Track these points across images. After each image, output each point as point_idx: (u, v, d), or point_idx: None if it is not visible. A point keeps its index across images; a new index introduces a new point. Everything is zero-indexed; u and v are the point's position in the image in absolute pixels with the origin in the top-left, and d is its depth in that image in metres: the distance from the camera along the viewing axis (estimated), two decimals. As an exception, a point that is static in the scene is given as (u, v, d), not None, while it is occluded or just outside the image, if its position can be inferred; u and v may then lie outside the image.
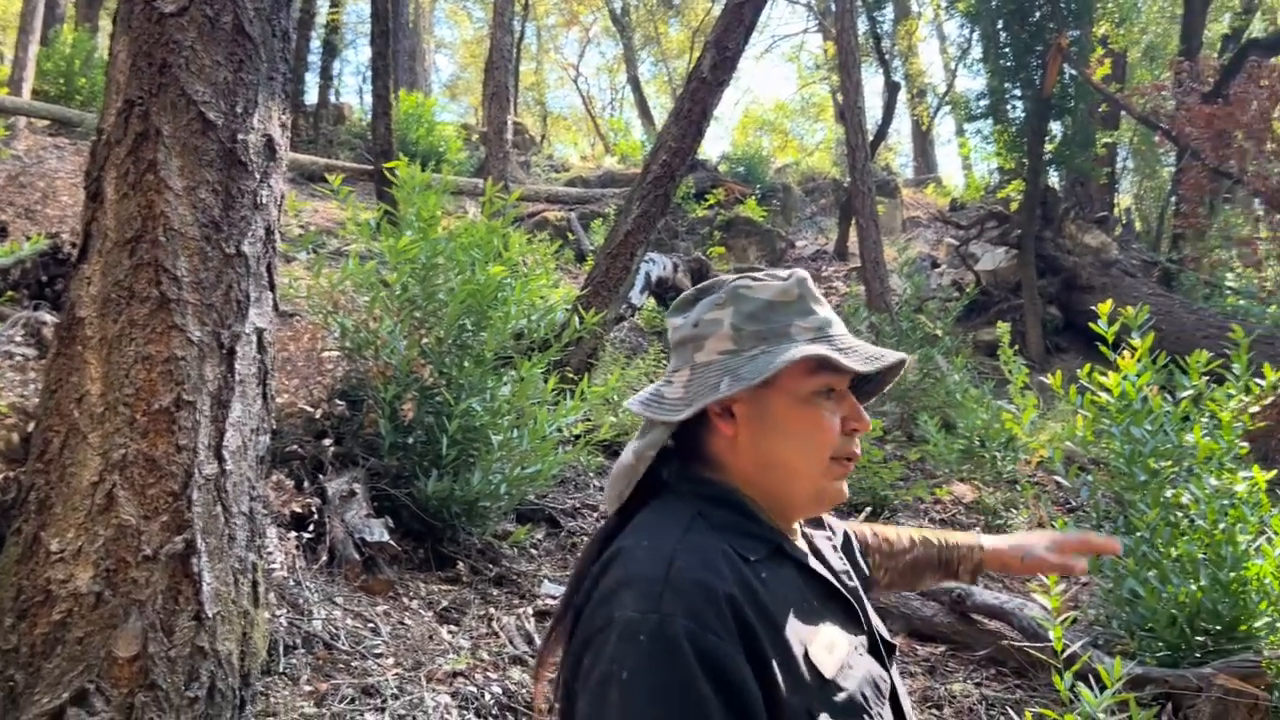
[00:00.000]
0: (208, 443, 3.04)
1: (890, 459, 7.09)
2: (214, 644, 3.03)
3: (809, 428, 1.33)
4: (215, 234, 3.08)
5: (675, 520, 1.29)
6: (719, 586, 1.17)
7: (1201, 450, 4.13)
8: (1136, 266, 13.58)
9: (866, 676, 1.26)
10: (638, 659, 1.12)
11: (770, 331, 1.35)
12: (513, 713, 3.60)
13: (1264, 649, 3.77)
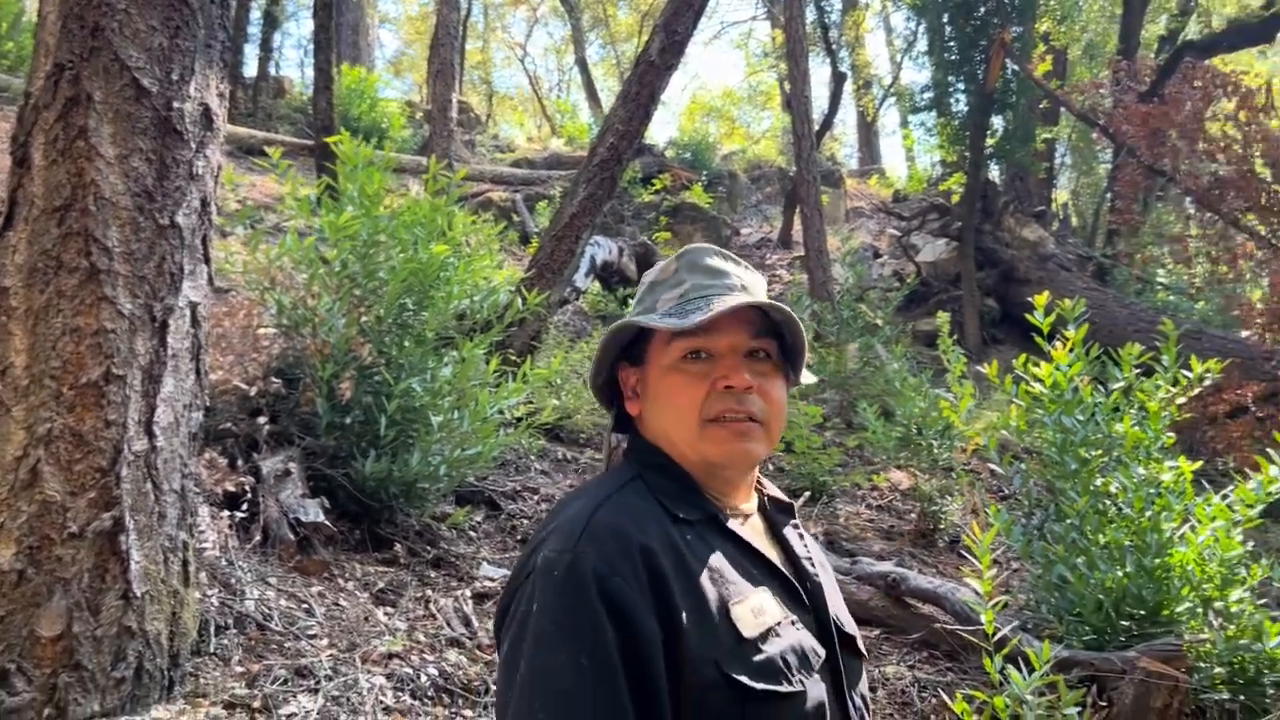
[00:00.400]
0: (138, 418, 2.97)
1: (829, 445, 7.17)
2: (142, 624, 2.97)
3: (670, 394, 1.38)
4: (148, 204, 3.01)
5: (614, 482, 1.36)
6: (634, 536, 1.23)
7: (1130, 440, 4.23)
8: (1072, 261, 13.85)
9: (795, 646, 1.28)
10: (549, 593, 1.19)
11: (643, 310, 1.45)
12: (449, 694, 3.59)
13: (1185, 633, 3.88)
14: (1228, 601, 4.07)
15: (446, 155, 13.31)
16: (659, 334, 1.39)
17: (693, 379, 1.36)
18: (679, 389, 1.37)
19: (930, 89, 14.63)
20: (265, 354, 4.68)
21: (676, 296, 1.41)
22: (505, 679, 1.20)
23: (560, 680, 1.15)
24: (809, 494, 6.60)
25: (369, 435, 4.53)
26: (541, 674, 1.16)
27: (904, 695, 4.14)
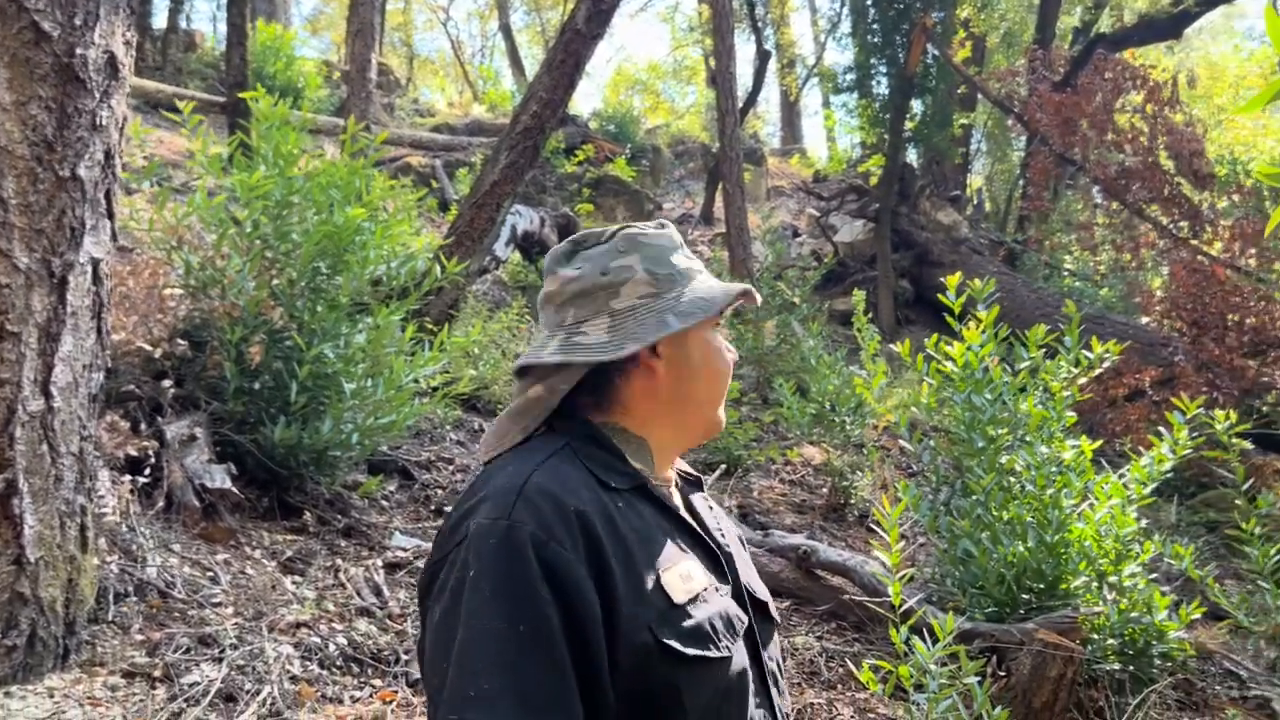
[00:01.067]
0: (34, 377, 2.87)
1: (745, 420, 7.25)
2: (36, 590, 2.88)
3: (719, 359, 1.46)
4: (48, 154, 2.89)
5: (543, 449, 1.35)
6: (569, 502, 1.24)
7: (1034, 419, 4.36)
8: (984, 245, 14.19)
9: (721, 613, 1.31)
10: (484, 560, 1.18)
11: (679, 274, 1.44)
12: (358, 664, 3.55)
13: (1080, 606, 4.03)
14: (1121, 576, 4.24)
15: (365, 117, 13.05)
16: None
17: (724, 348, 1.48)
18: (723, 355, 1.47)
19: (852, 70, 14.79)
20: (171, 315, 4.54)
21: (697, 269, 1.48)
22: (439, 647, 1.19)
23: (501, 647, 1.15)
24: (724, 468, 6.66)
25: (279, 401, 4.44)
26: (480, 641, 1.15)
27: (812, 665, 4.22)
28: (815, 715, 3.86)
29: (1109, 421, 7.68)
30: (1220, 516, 6.72)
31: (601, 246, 1.45)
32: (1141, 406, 7.76)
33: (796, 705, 3.87)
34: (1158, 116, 10.11)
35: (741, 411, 7.70)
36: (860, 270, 13.20)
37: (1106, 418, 7.73)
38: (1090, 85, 10.82)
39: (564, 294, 1.44)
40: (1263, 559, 4.91)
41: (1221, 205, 9.86)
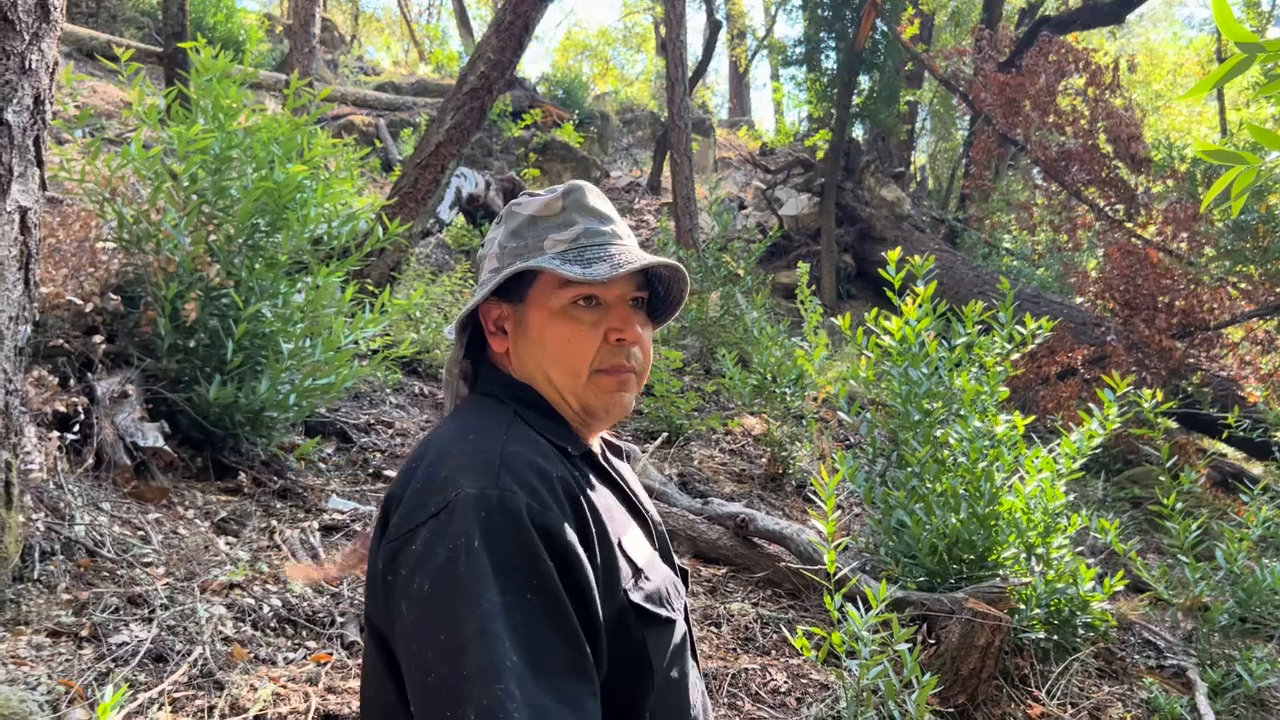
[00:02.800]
0: (-43, 328, 2.78)
1: (687, 390, 7.28)
2: (-42, 546, 2.81)
3: (560, 341, 1.36)
4: (-26, 98, 2.78)
5: (497, 418, 1.34)
6: (550, 469, 1.25)
7: (969, 394, 4.44)
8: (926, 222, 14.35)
9: (667, 577, 1.36)
10: (485, 531, 1.17)
11: (524, 247, 1.39)
12: (292, 625, 3.52)
13: (1009, 577, 4.13)
14: (1049, 548, 4.35)
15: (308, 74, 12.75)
16: (547, 275, 1.35)
17: (586, 328, 1.35)
18: (572, 337, 1.36)
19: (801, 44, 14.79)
20: (103, 269, 4.42)
21: (569, 240, 1.37)
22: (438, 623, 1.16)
23: (516, 619, 1.13)
24: (665, 436, 6.69)
25: (214, 360, 4.36)
26: (499, 616, 1.13)
27: (747, 631, 4.28)
28: (750, 680, 3.91)
29: (1041, 398, 7.85)
30: (1144, 493, 6.93)
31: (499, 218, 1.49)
32: (1073, 384, 7.95)
33: (731, 669, 3.92)
34: (1099, 100, 10.26)
35: (684, 381, 7.73)
36: (804, 244, 13.28)
37: (1039, 394, 7.90)
38: (1034, 67, 10.94)
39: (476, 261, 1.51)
40: (1183, 534, 5.07)
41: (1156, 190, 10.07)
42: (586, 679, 1.16)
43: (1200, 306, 8.39)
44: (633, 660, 1.25)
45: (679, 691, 1.33)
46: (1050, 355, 8.03)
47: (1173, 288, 8.40)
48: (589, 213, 1.41)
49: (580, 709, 1.14)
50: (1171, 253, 8.76)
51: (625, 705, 1.25)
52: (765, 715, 3.71)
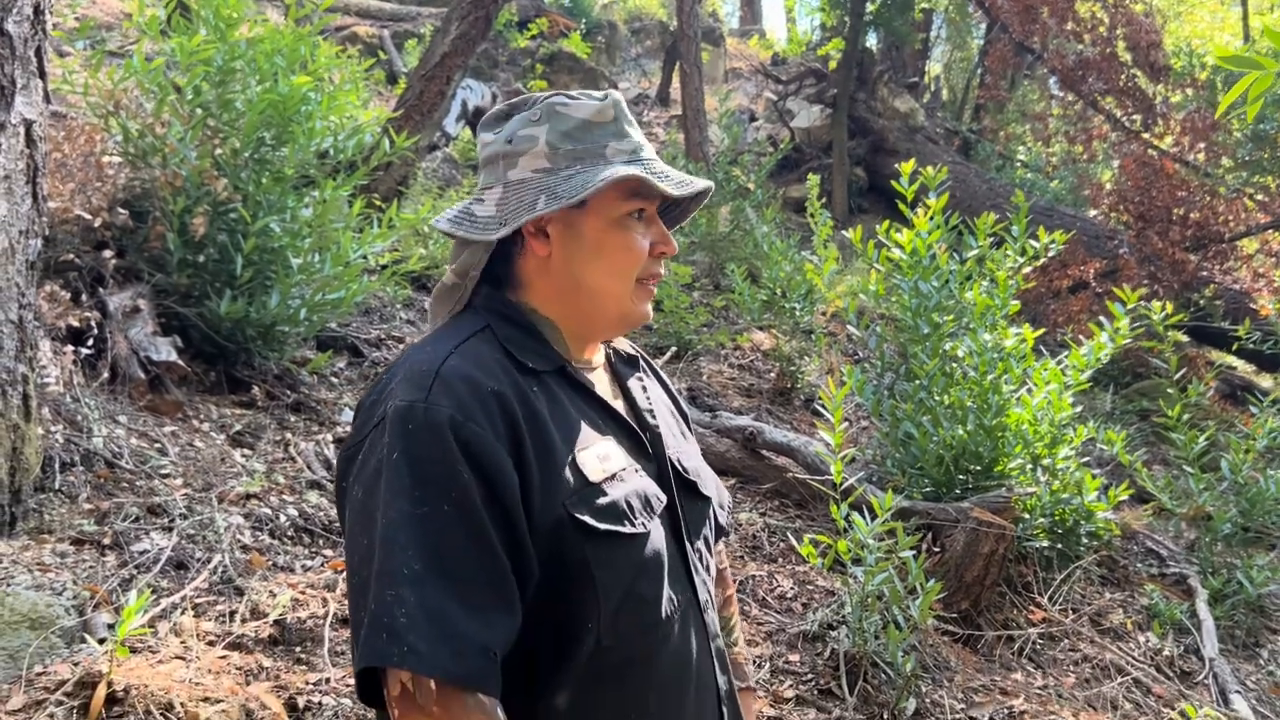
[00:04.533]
0: (-31, 242, 2.80)
1: (696, 305, 7.30)
2: (-20, 457, 2.86)
3: (620, 249, 1.36)
4: (-26, 8, 2.76)
5: (461, 330, 1.34)
6: (486, 383, 1.24)
7: (979, 307, 4.44)
8: (939, 134, 14.15)
9: (638, 491, 1.32)
10: (405, 442, 1.18)
11: (585, 151, 1.36)
12: (309, 534, 3.61)
13: (1015, 487, 4.18)
14: (1055, 459, 4.40)
15: (309, -16, 12.51)
16: (622, 178, 1.33)
17: (639, 239, 1.36)
18: (630, 246, 1.36)
19: (815, -51, 14.43)
20: (110, 184, 4.41)
21: (629, 151, 1.37)
22: (361, 528, 1.20)
23: (426, 528, 1.16)
24: (674, 351, 6.73)
25: (224, 275, 4.37)
26: (407, 524, 1.16)
27: (754, 540, 4.36)
28: (756, 587, 4.00)
29: (1052, 311, 7.84)
30: (1151, 405, 6.96)
31: (525, 113, 1.39)
32: (1084, 298, 7.92)
33: (739, 577, 4.01)
34: (1118, 6, 10.02)
35: (693, 297, 7.74)
36: (816, 157, 13.13)
37: (1049, 308, 7.89)
38: (1053, -28, 10.67)
39: (480, 158, 1.43)
40: (1189, 446, 5.12)
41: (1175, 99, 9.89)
42: (501, 591, 1.18)
43: (1215, 218, 8.31)
44: (568, 573, 1.24)
45: (646, 606, 1.30)
46: (1062, 269, 7.99)
47: (1188, 199, 8.31)
48: (634, 126, 1.41)
49: (485, 619, 1.15)
50: (1188, 164, 8.65)
51: (572, 617, 1.25)
52: (772, 620, 3.80)
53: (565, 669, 1.25)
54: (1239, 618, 4.66)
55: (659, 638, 1.32)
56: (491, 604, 1.17)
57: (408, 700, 1.14)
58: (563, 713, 1.25)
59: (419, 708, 1.13)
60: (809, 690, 3.39)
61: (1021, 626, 4.11)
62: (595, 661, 1.26)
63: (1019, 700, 3.61)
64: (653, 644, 1.31)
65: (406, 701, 1.14)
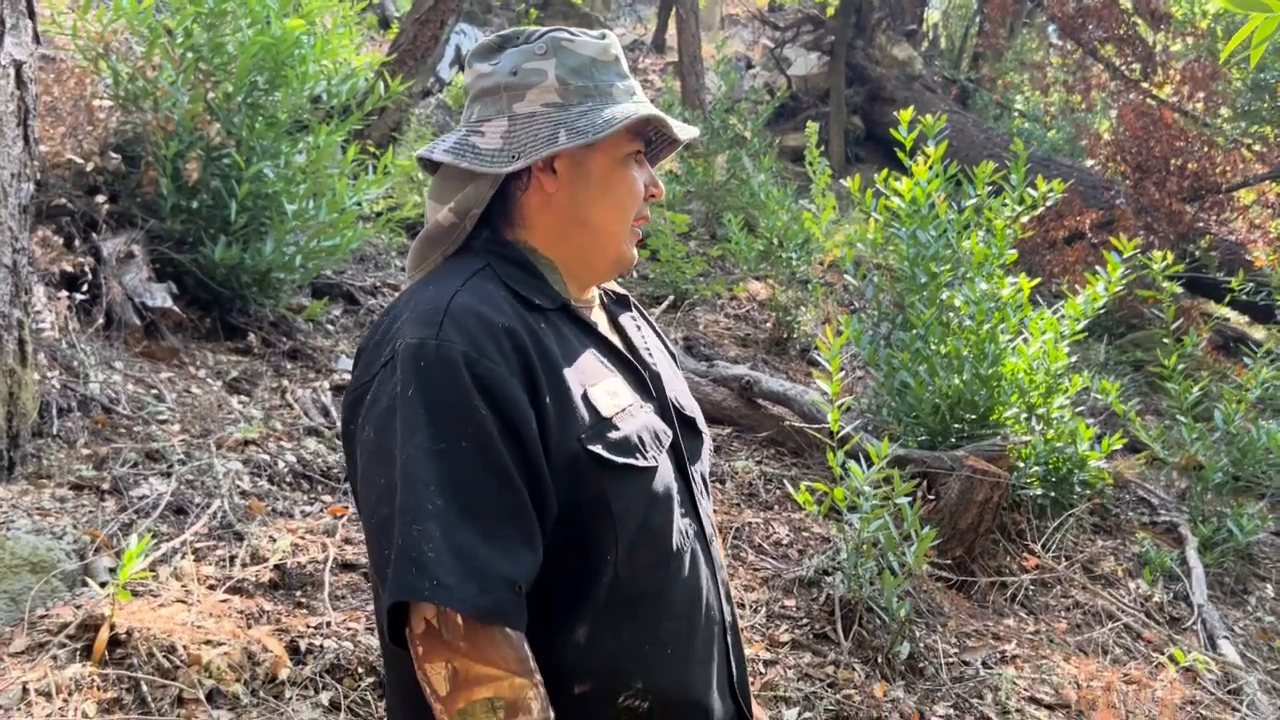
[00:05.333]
0: (-39, 185, 2.77)
1: (692, 255, 7.27)
2: (-23, 402, 2.86)
3: (623, 189, 1.37)
4: (-40, -55, 2.70)
5: (463, 270, 1.32)
6: (497, 319, 1.23)
7: (976, 256, 4.43)
8: (938, 83, 14.01)
9: (646, 426, 1.33)
10: (419, 380, 1.18)
11: (595, 89, 1.36)
12: (308, 480, 3.62)
13: (1009, 435, 4.20)
14: (1050, 408, 4.41)
15: (299, -74, 12.29)
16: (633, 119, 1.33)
17: (637, 179, 1.38)
18: (631, 186, 1.38)
19: (814, -107, 14.19)
20: (101, 127, 4.36)
21: (629, 91, 1.38)
22: (377, 467, 1.20)
23: (446, 464, 1.16)
24: (671, 301, 6.71)
25: (219, 221, 4.34)
26: (426, 460, 1.16)
27: (750, 487, 4.39)
28: (753, 533, 4.03)
29: (1048, 262, 7.83)
30: (1146, 356, 6.98)
31: (525, 46, 1.37)
32: (1080, 248, 7.91)
33: (734, 524, 4.03)
34: (1120, -48, 9.91)
35: (689, 246, 7.70)
36: (813, 105, 13.00)
37: (1046, 258, 7.87)
38: (1055, -83, 10.52)
39: (474, 89, 1.39)
40: (1182, 396, 5.14)
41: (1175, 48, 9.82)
42: (521, 524, 1.18)
43: (1213, 169, 8.28)
44: (585, 507, 1.25)
45: (658, 536, 1.32)
46: (1058, 219, 7.96)
47: (1186, 150, 8.26)
48: (625, 62, 1.41)
49: (509, 554, 1.16)
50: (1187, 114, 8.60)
51: (591, 551, 1.26)
52: (768, 566, 3.84)
53: (583, 604, 1.26)
54: (1228, 565, 4.72)
55: (671, 570, 1.33)
56: (514, 538, 1.18)
57: (433, 636, 1.15)
58: (581, 646, 1.26)
59: (445, 643, 1.14)
60: (804, 634, 3.43)
61: (1014, 573, 4.15)
62: (612, 595, 1.27)
63: (1011, 645, 3.66)
64: (665, 576, 1.33)
65: (432, 638, 1.15)
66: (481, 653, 1.14)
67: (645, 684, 1.30)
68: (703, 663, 1.38)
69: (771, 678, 3.15)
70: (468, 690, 1.14)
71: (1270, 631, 4.36)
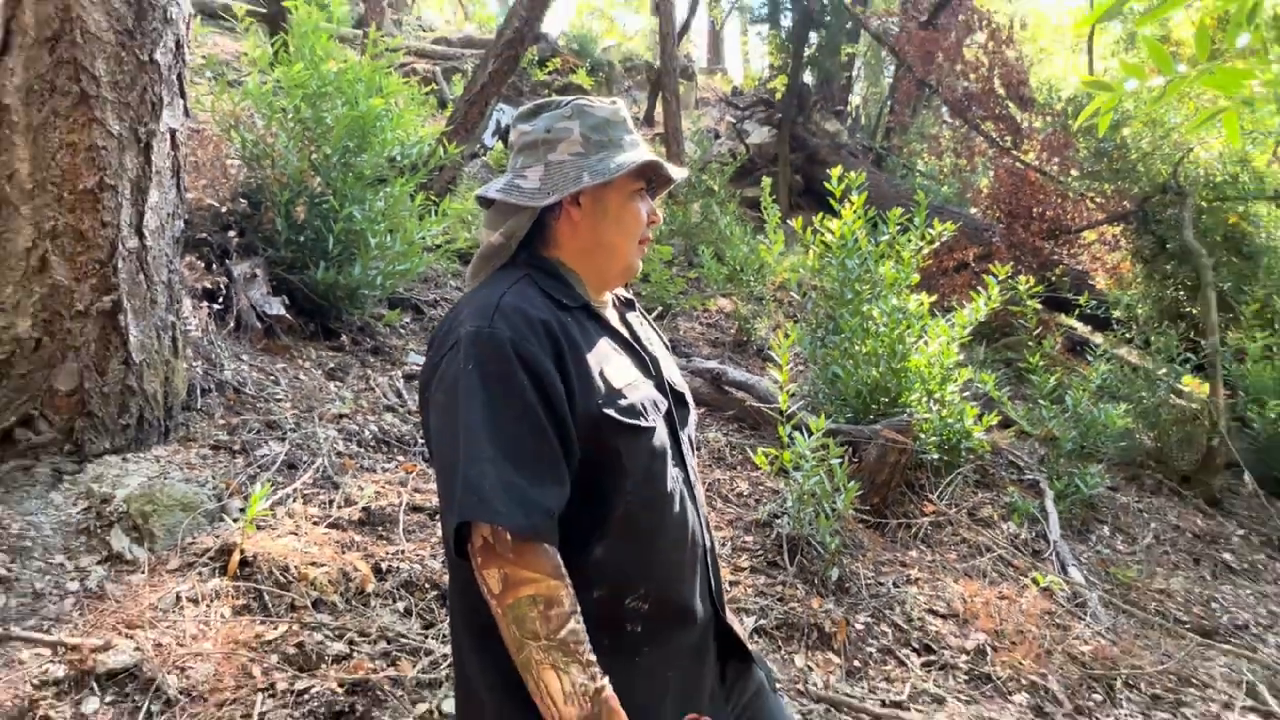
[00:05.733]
0: (130, 221, 2.78)
1: (675, 277, 7.28)
2: (141, 384, 2.88)
3: (631, 218, 1.38)
4: (130, 41, 2.72)
5: (509, 278, 1.34)
6: (534, 314, 1.25)
7: (889, 279, 4.45)
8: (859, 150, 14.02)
9: (647, 396, 1.34)
10: (477, 357, 1.20)
11: (609, 141, 1.37)
12: (386, 445, 3.62)
13: (914, 414, 4.23)
14: (943, 393, 4.43)
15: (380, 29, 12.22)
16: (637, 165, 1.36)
17: (642, 210, 1.39)
18: (638, 216, 1.39)
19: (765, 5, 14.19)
20: (233, 181, 4.37)
21: (635, 144, 1.38)
22: (445, 423, 1.21)
23: (496, 422, 1.17)
24: (659, 312, 6.72)
25: (319, 250, 4.35)
26: (482, 418, 1.17)
27: (719, 453, 4.40)
28: (721, 487, 4.05)
29: (942, 284, 7.84)
30: (1015, 355, 7.01)
31: (555, 111, 1.39)
32: (966, 275, 7.92)
33: (707, 480, 4.05)
34: (996, 52, 9.93)
35: (672, 271, 7.70)
36: (765, 166, 12.98)
37: (940, 282, 7.88)
38: (947, 25, 10.54)
39: (518, 144, 1.40)
40: (1042, 385, 5.17)
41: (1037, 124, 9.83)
42: (553, 467, 1.19)
43: (1065, 215, 8.31)
44: (610, 457, 1.25)
45: (657, 480, 1.32)
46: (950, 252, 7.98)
47: (1045, 201, 8.29)
48: (632, 123, 1.43)
49: (544, 489, 1.17)
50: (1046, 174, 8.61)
51: (606, 489, 1.26)
52: (732, 511, 3.86)
53: (599, 529, 1.27)
54: (1075, 512, 4.75)
55: (665, 506, 1.33)
56: (548, 477, 1.19)
57: (489, 550, 1.16)
58: (599, 560, 1.27)
59: (498, 555, 1.15)
60: (760, 563, 3.44)
61: (916, 517, 4.17)
62: (621, 523, 1.27)
63: (914, 571, 3.68)
64: (661, 510, 1.33)
65: (488, 551, 1.16)
66: (525, 562, 1.15)
67: (646, 590, 1.30)
68: (689, 576, 1.37)
69: (735, 595, 3.17)
70: (515, 590, 1.14)
71: (1107, 561, 4.39)
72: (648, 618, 1.30)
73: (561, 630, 1.15)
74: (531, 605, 1.15)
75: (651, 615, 1.30)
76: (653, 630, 1.31)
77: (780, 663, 2.91)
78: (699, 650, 1.39)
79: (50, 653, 2.15)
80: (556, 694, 1.15)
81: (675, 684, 1.34)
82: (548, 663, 1.15)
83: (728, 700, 1.46)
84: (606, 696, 1.17)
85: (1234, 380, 6.00)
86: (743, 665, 1.51)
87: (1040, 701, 2.98)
